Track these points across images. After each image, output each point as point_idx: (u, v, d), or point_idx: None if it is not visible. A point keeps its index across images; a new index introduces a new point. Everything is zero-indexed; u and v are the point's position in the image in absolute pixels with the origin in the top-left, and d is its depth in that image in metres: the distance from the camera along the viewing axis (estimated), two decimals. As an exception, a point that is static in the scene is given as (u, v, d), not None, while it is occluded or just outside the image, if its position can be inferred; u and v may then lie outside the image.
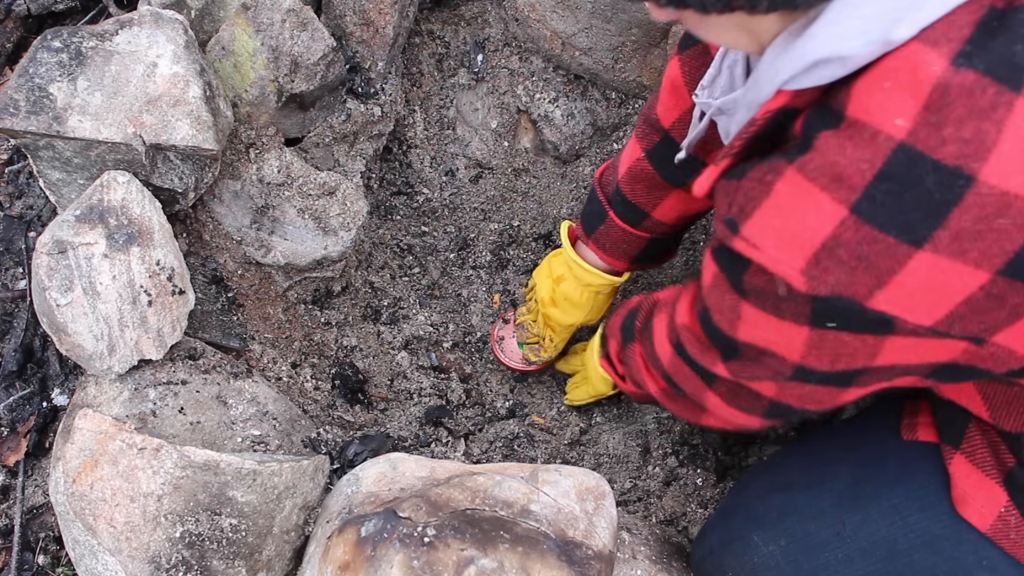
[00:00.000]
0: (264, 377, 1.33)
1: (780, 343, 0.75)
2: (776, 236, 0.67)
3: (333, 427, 1.31)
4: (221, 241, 1.34)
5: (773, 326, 0.73)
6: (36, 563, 1.21)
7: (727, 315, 0.79)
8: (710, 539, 1.09)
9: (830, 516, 0.97)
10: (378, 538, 0.92)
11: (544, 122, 1.67)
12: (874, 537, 0.94)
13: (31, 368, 1.31)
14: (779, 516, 1.01)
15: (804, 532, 0.97)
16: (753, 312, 0.74)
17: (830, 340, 0.70)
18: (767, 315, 0.73)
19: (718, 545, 1.06)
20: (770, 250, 0.68)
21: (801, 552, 0.97)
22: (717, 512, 1.13)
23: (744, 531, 1.03)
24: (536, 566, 0.90)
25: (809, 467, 1.05)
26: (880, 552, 0.93)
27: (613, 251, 1.33)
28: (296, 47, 1.32)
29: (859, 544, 0.94)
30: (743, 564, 1.01)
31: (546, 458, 1.48)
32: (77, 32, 1.17)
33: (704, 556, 1.08)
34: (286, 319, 1.45)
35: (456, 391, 1.56)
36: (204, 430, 1.14)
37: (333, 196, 1.39)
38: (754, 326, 0.76)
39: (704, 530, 1.12)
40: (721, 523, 1.09)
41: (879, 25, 0.59)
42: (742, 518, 1.05)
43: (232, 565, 0.99)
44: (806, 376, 0.78)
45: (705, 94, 0.93)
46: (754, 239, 0.69)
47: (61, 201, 1.20)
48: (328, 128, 1.46)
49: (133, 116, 1.14)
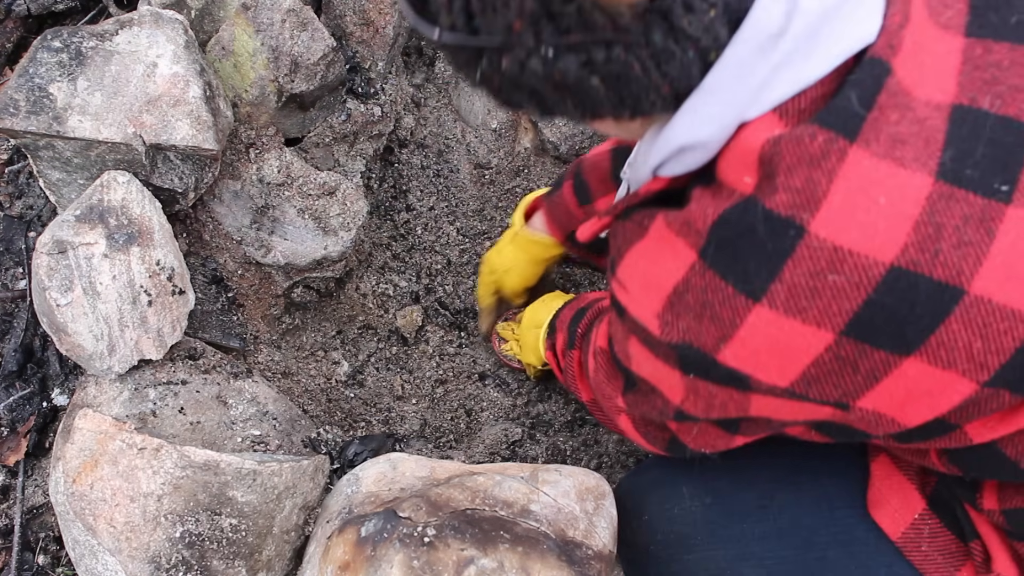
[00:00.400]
0: (264, 377, 1.33)
1: (663, 383, 0.75)
2: (640, 279, 0.69)
3: (333, 427, 1.31)
4: (221, 241, 1.34)
5: (654, 366, 0.74)
6: (36, 563, 1.21)
7: (622, 347, 0.79)
8: (642, 476, 1.07)
9: (762, 488, 0.95)
10: (378, 538, 0.92)
11: (544, 122, 1.67)
12: (797, 522, 0.92)
13: (31, 368, 1.31)
14: (714, 475, 0.99)
15: (732, 497, 0.96)
16: (638, 348, 0.75)
17: (701, 388, 0.71)
18: (648, 353, 0.73)
19: (646, 484, 1.05)
20: (634, 292, 0.70)
21: (721, 515, 0.96)
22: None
23: (675, 478, 1.01)
24: (536, 566, 0.90)
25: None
26: (797, 539, 0.91)
27: (555, 219, 1.38)
28: (296, 47, 1.32)
29: (780, 524, 0.92)
30: (661, 510, 1.00)
31: (546, 458, 1.48)
32: (77, 32, 1.17)
33: (629, 490, 1.07)
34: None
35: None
36: (204, 430, 1.14)
37: (333, 196, 1.39)
38: (641, 364, 0.76)
39: (641, 466, 1.11)
40: (657, 464, 1.07)
41: (733, 109, 0.61)
42: (678, 465, 1.03)
43: (232, 565, 0.99)
44: (688, 418, 0.78)
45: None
46: (623, 280, 0.71)
47: (61, 201, 1.20)
48: (328, 128, 1.46)
49: (133, 116, 1.14)
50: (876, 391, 0.63)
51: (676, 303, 0.66)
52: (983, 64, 0.60)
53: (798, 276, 0.59)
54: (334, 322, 1.59)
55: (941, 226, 0.57)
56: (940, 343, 0.59)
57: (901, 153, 0.57)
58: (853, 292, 0.58)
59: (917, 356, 0.60)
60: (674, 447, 0.90)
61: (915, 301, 0.58)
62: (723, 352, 0.65)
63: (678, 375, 0.71)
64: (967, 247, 0.57)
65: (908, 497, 0.86)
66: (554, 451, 1.51)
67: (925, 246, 0.57)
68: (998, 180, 0.57)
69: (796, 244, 0.58)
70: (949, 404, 0.63)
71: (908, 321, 0.58)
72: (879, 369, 0.61)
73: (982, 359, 0.59)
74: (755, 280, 0.61)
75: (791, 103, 0.60)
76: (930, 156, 0.57)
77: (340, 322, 1.60)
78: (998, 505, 0.76)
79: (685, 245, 0.65)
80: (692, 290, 0.64)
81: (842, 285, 0.58)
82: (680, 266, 0.65)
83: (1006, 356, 0.59)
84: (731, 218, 0.61)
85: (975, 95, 0.59)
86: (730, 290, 0.62)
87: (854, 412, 0.66)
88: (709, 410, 0.73)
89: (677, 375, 0.71)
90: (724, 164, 0.64)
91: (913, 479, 0.87)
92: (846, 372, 0.62)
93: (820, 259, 0.58)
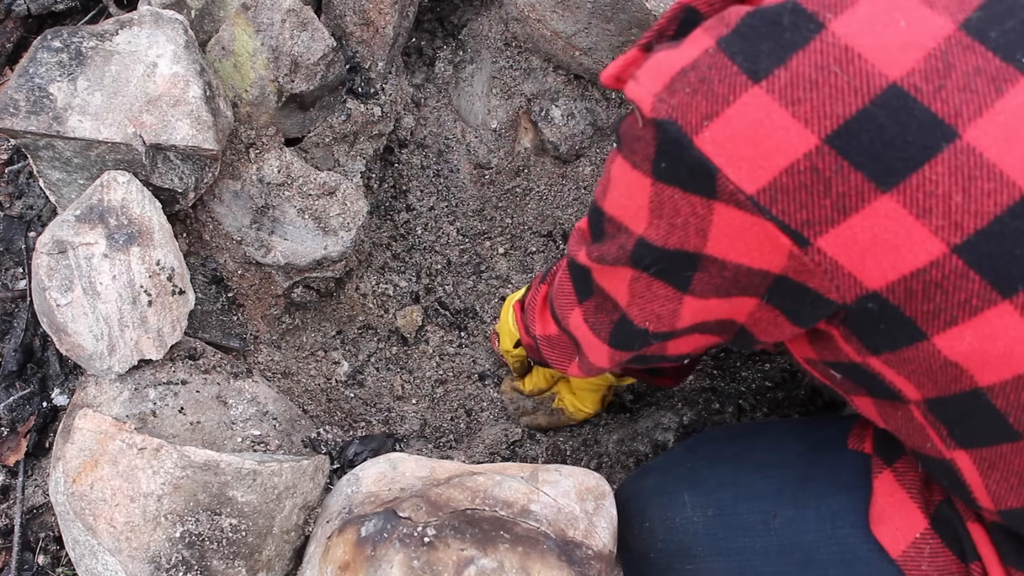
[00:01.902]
0: (264, 377, 1.33)
1: (629, 207, 0.72)
2: (653, 68, 0.67)
3: (333, 427, 1.31)
4: (221, 241, 1.34)
5: (626, 180, 0.70)
6: (36, 563, 1.21)
7: (604, 181, 0.77)
8: (643, 481, 1.06)
9: (765, 503, 0.93)
10: (378, 538, 0.92)
11: (544, 122, 1.67)
12: (799, 538, 0.90)
13: (31, 368, 1.31)
14: (718, 484, 0.97)
15: (734, 510, 0.95)
16: (618, 165, 0.72)
17: (666, 200, 0.67)
18: (624, 163, 0.70)
19: (648, 490, 1.03)
20: (641, 78, 0.67)
21: (723, 528, 0.94)
22: (662, 458, 1.10)
23: (678, 487, 1.00)
24: (536, 566, 0.90)
25: (765, 448, 1.01)
26: (798, 555, 0.90)
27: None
28: (296, 47, 1.32)
29: (781, 540, 0.91)
30: (663, 518, 0.99)
31: (546, 458, 1.48)
32: (77, 32, 1.17)
33: (631, 496, 1.06)
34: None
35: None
36: (204, 430, 1.14)
37: (333, 196, 1.39)
38: (615, 187, 0.73)
39: (642, 470, 1.09)
40: (660, 471, 1.06)
41: None
42: (683, 473, 1.02)
43: (232, 565, 0.99)
44: (644, 258, 0.73)
45: None
46: (639, 75, 0.68)
47: (61, 201, 1.20)
48: (328, 128, 1.46)
49: (133, 116, 1.14)
50: (841, 228, 0.60)
51: (677, 81, 0.64)
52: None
53: (803, 66, 0.59)
54: (334, 322, 1.59)
55: (951, 66, 0.57)
56: (920, 185, 0.57)
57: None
58: (850, 97, 0.58)
59: (893, 195, 0.58)
60: (619, 333, 0.87)
61: (907, 126, 0.57)
62: (703, 134, 0.62)
63: (648, 183, 0.67)
64: (971, 93, 0.56)
65: (910, 515, 0.84)
66: (554, 451, 1.51)
67: (930, 77, 0.57)
68: (1020, 52, 0.57)
69: (812, 37, 0.59)
70: (913, 264, 0.60)
71: (894, 146, 0.57)
72: (851, 198, 0.59)
73: (958, 217, 0.57)
74: (761, 62, 0.61)
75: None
76: (960, 10, 0.58)
77: (340, 322, 1.60)
78: (994, 506, 0.76)
79: (704, 34, 0.64)
80: (697, 68, 0.63)
81: (842, 86, 0.58)
82: (693, 51, 0.64)
83: (983, 221, 0.57)
84: (764, 10, 0.62)
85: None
86: (734, 68, 0.61)
87: (810, 254, 0.62)
88: (670, 234, 0.69)
89: (647, 183, 0.68)
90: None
91: (916, 497, 0.85)
92: (817, 191, 0.60)
93: (829, 54, 0.59)
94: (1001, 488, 0.73)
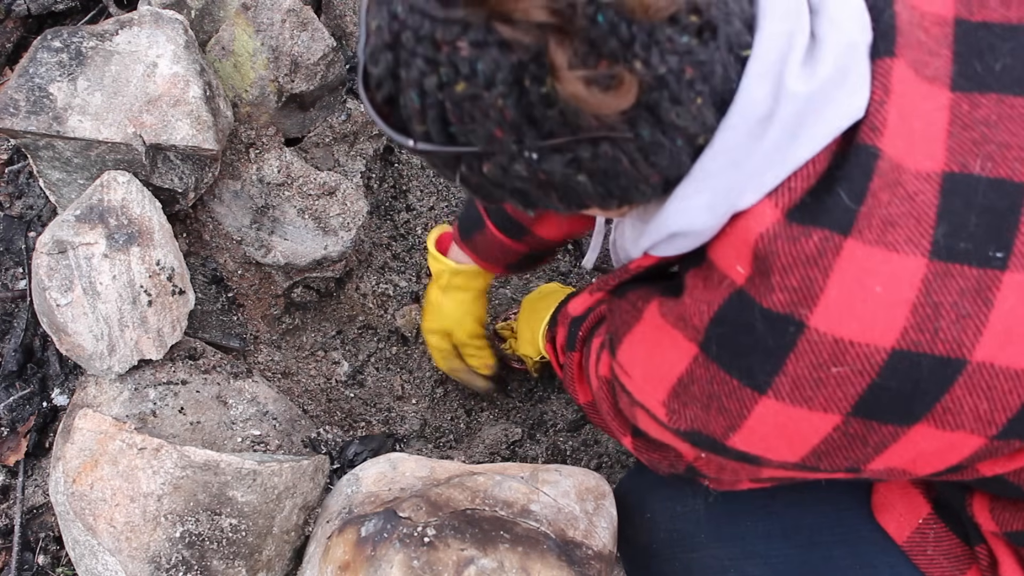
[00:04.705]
0: (264, 377, 1.33)
1: (673, 443, 0.76)
2: (642, 367, 0.71)
3: (333, 427, 1.31)
4: (221, 241, 1.34)
5: (663, 436, 0.75)
6: (36, 563, 1.21)
7: (629, 412, 0.79)
8: (643, 475, 1.07)
9: (765, 488, 0.94)
10: (378, 538, 0.92)
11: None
12: (800, 520, 0.92)
13: (31, 368, 1.31)
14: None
15: (735, 496, 0.96)
16: (646, 421, 0.76)
17: (713, 459, 0.72)
18: (656, 427, 0.74)
19: (648, 482, 1.05)
20: (637, 379, 0.71)
21: (725, 514, 0.96)
22: None
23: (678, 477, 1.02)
24: (536, 566, 0.90)
25: None
26: (801, 537, 0.92)
27: (490, 257, 1.27)
28: (296, 47, 1.32)
29: (784, 523, 0.93)
30: (664, 508, 1.00)
31: (546, 458, 1.48)
32: (77, 32, 1.17)
33: (630, 490, 1.07)
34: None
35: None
36: (204, 430, 1.14)
37: (333, 196, 1.39)
38: (648, 429, 0.77)
39: (641, 464, 1.10)
40: None
41: (726, 198, 0.61)
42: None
43: (232, 565, 0.99)
44: (700, 473, 0.80)
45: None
46: (626, 365, 0.73)
47: (61, 201, 1.20)
48: (328, 128, 1.46)
49: (133, 116, 1.14)
50: (886, 456, 0.65)
51: (681, 393, 0.67)
52: (971, 122, 0.60)
53: (801, 368, 0.60)
54: (334, 322, 1.59)
55: (939, 304, 0.57)
56: (946, 409, 0.60)
57: (894, 237, 0.58)
58: (857, 379, 0.59)
59: (924, 423, 0.61)
60: (692, 473, 0.89)
61: (919, 378, 0.59)
62: (732, 439, 0.66)
63: (688, 447, 0.72)
64: (966, 320, 0.57)
65: (913, 501, 0.86)
66: (554, 451, 1.51)
67: (924, 326, 0.58)
68: (992, 247, 0.58)
69: (797, 339, 0.60)
70: (959, 457, 0.64)
71: (913, 397, 0.60)
72: (888, 439, 0.63)
73: (989, 417, 0.60)
74: (759, 374, 0.62)
75: (783, 186, 0.60)
76: (922, 235, 0.58)
77: (340, 322, 1.60)
78: (996, 525, 0.77)
79: (684, 338, 0.66)
80: (697, 382, 0.65)
81: (845, 374, 0.59)
82: (682, 357, 0.66)
83: (1012, 412, 0.60)
84: (727, 317, 0.62)
85: (965, 159, 0.59)
86: (735, 383, 0.63)
87: (867, 472, 0.68)
88: (721, 472, 0.74)
89: (687, 447, 0.73)
90: (717, 249, 0.64)
91: (918, 483, 0.87)
92: (855, 446, 0.64)
93: (822, 352, 0.59)
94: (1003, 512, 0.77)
